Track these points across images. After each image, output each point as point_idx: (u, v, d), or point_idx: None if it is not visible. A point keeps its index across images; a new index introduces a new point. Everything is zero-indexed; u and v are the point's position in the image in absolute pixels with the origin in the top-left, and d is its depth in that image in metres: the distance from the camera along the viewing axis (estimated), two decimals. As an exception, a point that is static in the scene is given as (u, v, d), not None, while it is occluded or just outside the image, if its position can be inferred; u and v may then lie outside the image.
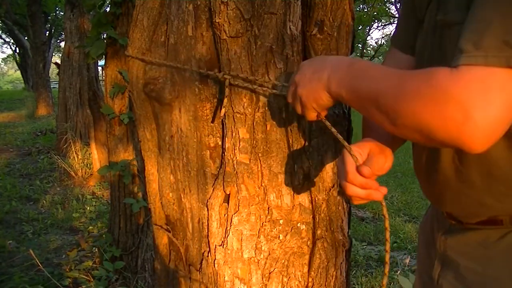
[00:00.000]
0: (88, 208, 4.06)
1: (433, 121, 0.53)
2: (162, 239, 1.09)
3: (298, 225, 0.95)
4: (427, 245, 0.89)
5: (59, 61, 6.13)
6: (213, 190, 0.95)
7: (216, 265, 0.95)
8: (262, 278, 0.94)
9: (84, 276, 2.51)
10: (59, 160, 5.22)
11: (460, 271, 0.76)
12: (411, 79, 0.56)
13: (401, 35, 0.91)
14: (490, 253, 0.72)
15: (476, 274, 0.74)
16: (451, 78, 0.52)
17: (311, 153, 0.94)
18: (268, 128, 0.90)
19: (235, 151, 0.91)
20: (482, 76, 0.50)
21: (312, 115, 0.76)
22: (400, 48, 0.91)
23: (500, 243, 0.71)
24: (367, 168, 0.66)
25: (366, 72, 0.64)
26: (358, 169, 0.67)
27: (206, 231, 0.96)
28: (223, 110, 0.87)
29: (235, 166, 0.92)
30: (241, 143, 0.91)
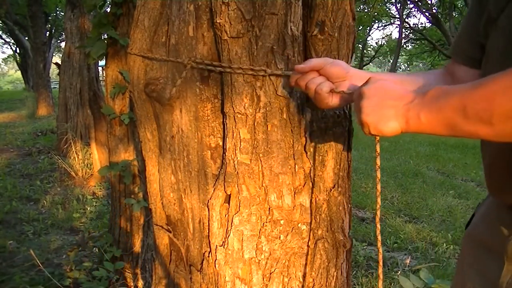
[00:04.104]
0: (88, 209, 4.06)
1: None
2: (163, 240, 1.09)
3: (299, 225, 0.95)
4: (486, 251, 0.85)
5: (59, 62, 6.13)
6: (214, 190, 0.95)
7: (217, 266, 0.95)
8: (263, 279, 0.95)
9: (85, 276, 2.51)
10: (60, 160, 5.22)
11: None
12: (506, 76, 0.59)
13: (467, 47, 0.87)
14: None
15: None
16: None
17: (312, 153, 0.94)
18: (269, 129, 0.90)
19: (236, 152, 0.91)
20: None
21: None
22: (465, 62, 0.87)
23: None
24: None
25: (445, 91, 0.66)
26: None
27: (207, 231, 0.96)
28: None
29: (236, 166, 0.92)
30: (242, 143, 0.91)
